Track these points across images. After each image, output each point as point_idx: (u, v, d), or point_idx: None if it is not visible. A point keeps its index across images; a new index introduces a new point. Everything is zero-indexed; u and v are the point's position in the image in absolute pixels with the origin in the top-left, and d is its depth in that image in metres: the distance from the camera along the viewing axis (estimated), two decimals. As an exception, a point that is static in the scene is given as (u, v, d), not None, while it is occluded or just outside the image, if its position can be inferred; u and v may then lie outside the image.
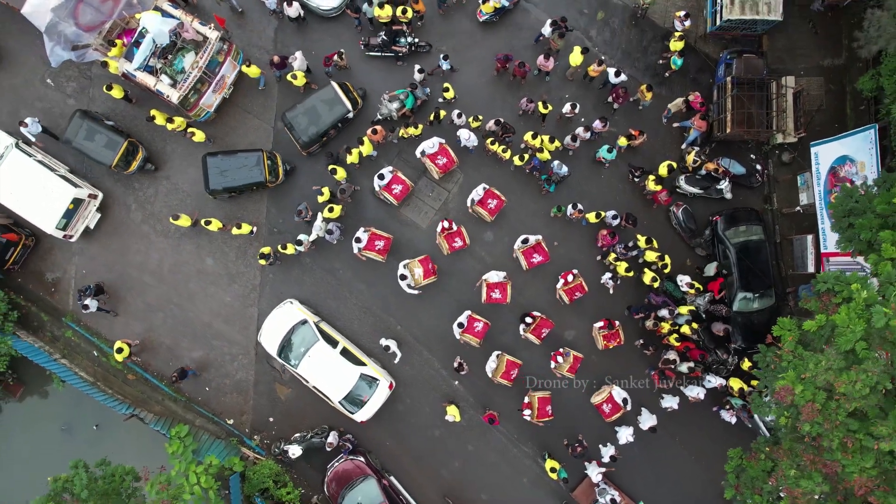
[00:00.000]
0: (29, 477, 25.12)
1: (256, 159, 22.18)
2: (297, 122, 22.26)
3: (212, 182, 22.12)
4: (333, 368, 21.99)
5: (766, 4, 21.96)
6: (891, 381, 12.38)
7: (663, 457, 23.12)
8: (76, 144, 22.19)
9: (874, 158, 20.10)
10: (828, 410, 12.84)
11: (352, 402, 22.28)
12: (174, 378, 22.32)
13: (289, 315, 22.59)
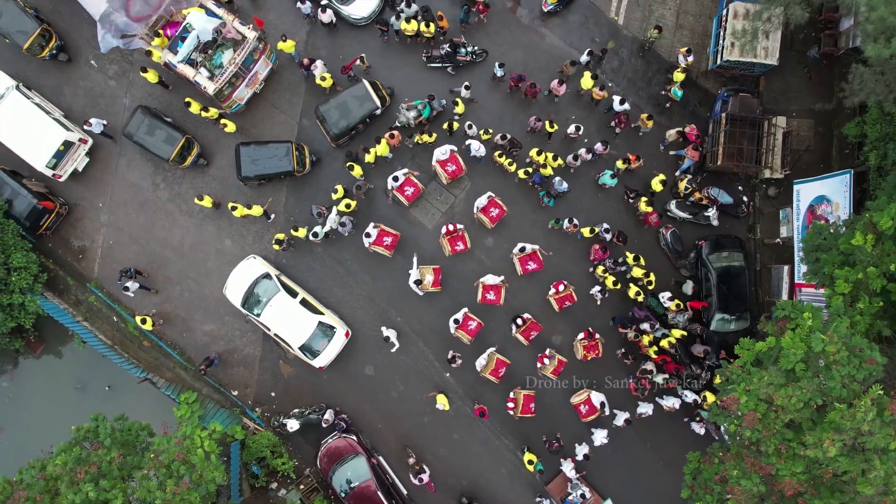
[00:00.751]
0: (43, 429, 27.22)
1: (286, 150, 24.26)
2: (329, 116, 24.33)
3: (244, 169, 24.20)
4: (293, 317, 23.96)
5: (763, 49, 23.94)
6: (822, 398, 14.36)
7: (634, 459, 25.11)
8: (137, 139, 24.38)
9: (847, 200, 22.09)
10: (767, 420, 14.83)
11: (310, 350, 24.27)
12: (203, 369, 24.46)
13: (252, 269, 24.65)
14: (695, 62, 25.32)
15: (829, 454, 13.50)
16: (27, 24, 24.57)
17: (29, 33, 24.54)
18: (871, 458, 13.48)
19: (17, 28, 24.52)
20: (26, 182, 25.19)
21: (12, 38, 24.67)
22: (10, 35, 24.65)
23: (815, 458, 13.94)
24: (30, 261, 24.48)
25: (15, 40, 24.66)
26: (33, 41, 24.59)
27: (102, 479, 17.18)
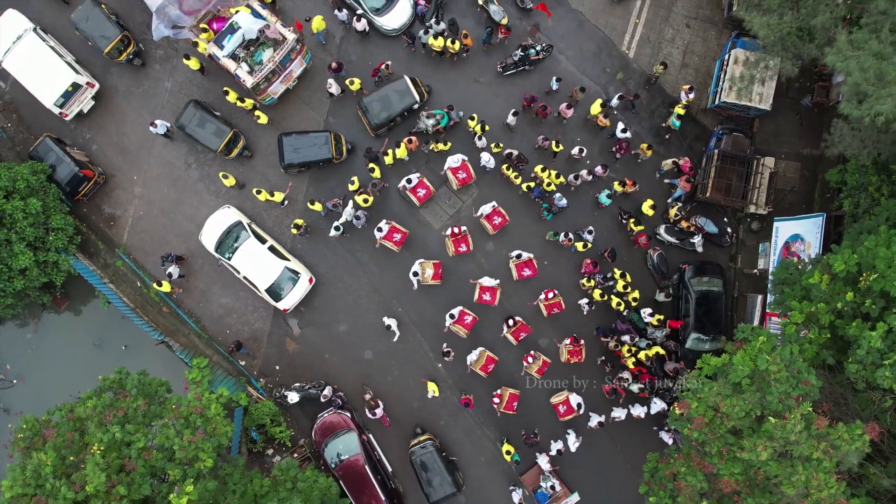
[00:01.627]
0: (60, 380, 29.74)
1: (325, 139, 26.80)
2: (372, 107, 26.83)
3: (287, 157, 26.74)
4: (261, 261, 26.47)
5: (758, 94, 26.32)
6: (760, 410, 16.72)
7: (603, 459, 27.48)
8: (189, 130, 26.88)
9: (819, 241, 24.50)
10: (713, 425, 17.19)
11: (276, 292, 26.72)
12: (231, 349, 27.00)
13: (226, 217, 27.19)
14: (695, 99, 27.74)
15: (761, 458, 15.87)
16: (109, 30, 27.17)
17: (110, 38, 27.17)
18: (795, 465, 15.85)
19: (99, 33, 27.17)
20: (70, 150, 27.69)
21: (95, 41, 27.32)
22: (94, 39, 27.30)
23: (749, 460, 16.32)
24: (67, 223, 26.98)
25: (97, 44, 27.31)
26: (113, 46, 27.20)
27: (128, 423, 19.62)
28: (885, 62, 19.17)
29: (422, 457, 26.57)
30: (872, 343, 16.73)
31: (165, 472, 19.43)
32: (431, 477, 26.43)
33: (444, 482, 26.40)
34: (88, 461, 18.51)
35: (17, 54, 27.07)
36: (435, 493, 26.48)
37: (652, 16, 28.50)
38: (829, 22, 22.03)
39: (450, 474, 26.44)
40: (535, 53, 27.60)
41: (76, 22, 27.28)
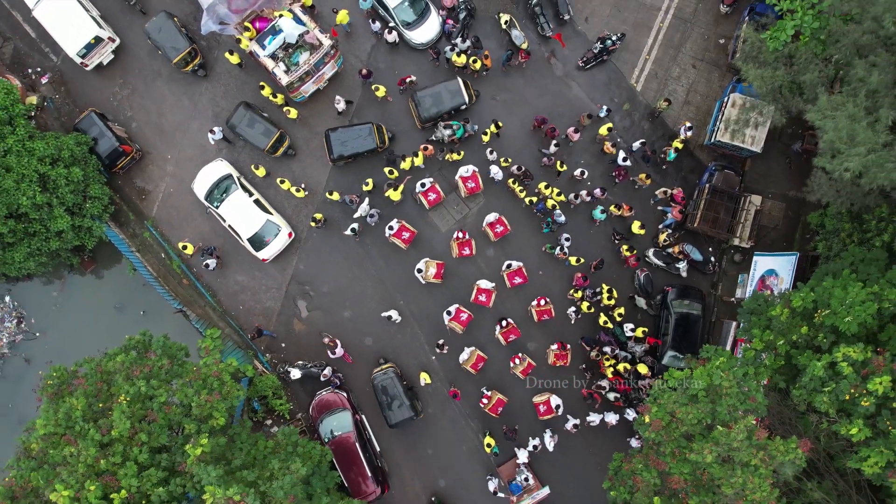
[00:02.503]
0: (80, 337, 32.36)
1: (369, 130, 29.46)
2: (423, 101, 29.50)
3: (335, 151, 29.42)
4: (246, 212, 29.27)
5: (751, 137, 28.87)
6: (711, 419, 19.27)
7: (575, 459, 30.04)
8: (239, 130, 29.52)
9: (790, 277, 27.10)
10: (669, 428, 19.74)
11: (257, 242, 29.48)
12: (253, 335, 29.68)
13: (218, 169, 30.00)
14: (694, 136, 30.33)
15: (706, 460, 18.42)
16: (180, 42, 29.83)
17: (180, 50, 29.83)
18: (735, 469, 18.39)
19: (170, 44, 29.85)
20: (112, 125, 30.33)
21: (165, 51, 29.99)
22: (164, 48, 29.96)
23: (697, 462, 18.88)
24: (103, 193, 29.66)
25: (167, 53, 29.99)
26: (182, 57, 29.87)
27: (152, 379, 22.24)
28: (857, 124, 21.73)
29: (383, 381, 29.23)
30: (815, 372, 19.31)
31: (182, 425, 22.06)
32: (391, 401, 29.09)
33: (403, 406, 29.00)
34: (115, 409, 21.13)
35: (47, 5, 29.74)
36: (394, 416, 29.13)
37: (661, 54, 31.08)
38: (817, 80, 24.64)
39: (409, 400, 29.00)
40: (611, 43, 30.11)
41: (149, 31, 29.94)
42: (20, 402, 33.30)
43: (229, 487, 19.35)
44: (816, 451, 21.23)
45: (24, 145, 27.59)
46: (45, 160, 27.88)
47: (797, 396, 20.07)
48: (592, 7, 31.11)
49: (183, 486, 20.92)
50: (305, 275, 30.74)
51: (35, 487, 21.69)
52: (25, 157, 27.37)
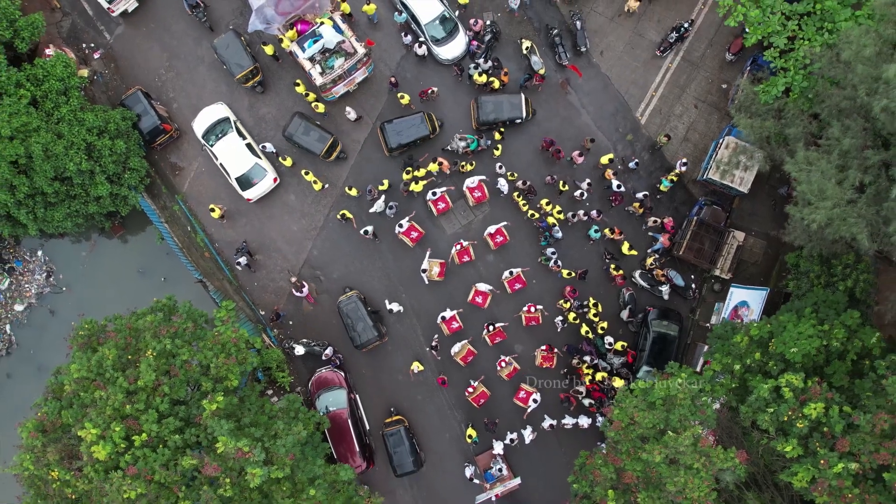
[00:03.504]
0: (103, 296, 35.54)
1: (420, 119, 32.57)
2: (485, 106, 32.64)
3: (391, 141, 32.53)
4: (237, 154, 32.60)
5: (739, 178, 31.89)
6: (664, 425, 22.30)
7: (548, 456, 33.11)
8: (296, 138, 32.55)
9: (759, 310, 30.16)
10: (627, 430, 22.81)
11: (244, 182, 32.69)
12: (272, 318, 32.87)
13: (217, 111, 33.32)
14: (688, 171, 33.36)
15: (655, 460, 21.47)
16: (244, 60, 32.78)
17: (244, 67, 32.77)
18: (679, 469, 21.44)
19: (235, 61, 32.80)
20: (155, 104, 33.47)
21: (230, 66, 32.99)
22: (229, 64, 32.95)
23: (647, 461, 21.93)
24: (141, 166, 32.82)
25: (230, 69, 33.00)
26: (244, 74, 32.86)
27: (177, 339, 25.38)
28: (827, 181, 24.76)
29: (347, 306, 32.38)
30: (761, 393, 22.39)
31: (199, 383, 25.19)
32: (356, 324, 32.21)
33: (367, 328, 32.13)
34: (143, 362, 24.28)
35: None
36: (359, 337, 32.29)
37: (667, 92, 34.11)
38: (800, 134, 27.66)
39: (372, 322, 32.11)
40: (684, 30, 33.17)
41: (217, 47, 32.93)
42: (41, 350, 36.59)
43: (239, 440, 22.47)
44: (757, 464, 24.30)
45: (76, 115, 30.74)
46: (93, 131, 31.02)
47: (744, 413, 23.15)
48: (608, 42, 34.15)
49: (196, 436, 24.05)
50: (318, 260, 33.86)
51: (64, 424, 24.86)
52: (76, 126, 30.51)
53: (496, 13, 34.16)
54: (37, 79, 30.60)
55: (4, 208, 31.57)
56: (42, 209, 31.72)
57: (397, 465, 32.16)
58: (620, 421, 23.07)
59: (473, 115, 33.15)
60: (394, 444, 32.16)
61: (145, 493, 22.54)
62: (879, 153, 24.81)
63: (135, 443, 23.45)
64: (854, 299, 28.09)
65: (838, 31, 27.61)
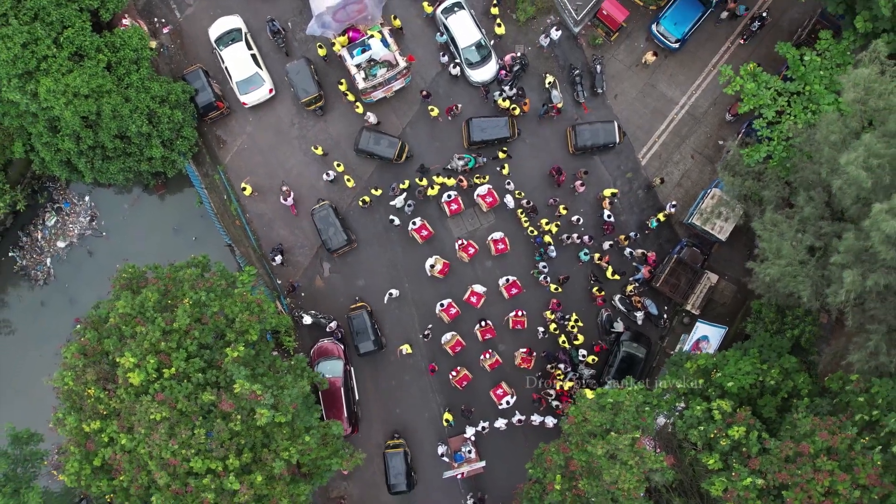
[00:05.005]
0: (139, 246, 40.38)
1: (505, 122, 37.41)
2: (582, 133, 37.42)
3: (474, 135, 37.34)
4: (242, 61, 37.82)
5: (719, 227, 36.56)
6: (610, 425, 27.01)
7: (513, 447, 37.82)
8: (369, 148, 37.29)
9: (717, 345, 34.90)
10: (579, 425, 27.52)
11: (243, 86, 37.74)
12: (288, 289, 37.64)
13: (232, 21, 38.42)
14: (676, 212, 38.04)
15: (598, 453, 26.19)
16: (310, 87, 37.51)
17: (309, 93, 37.52)
18: (616, 464, 26.14)
19: (302, 86, 37.54)
20: (213, 82, 38.26)
21: (296, 90, 37.75)
22: (297, 88, 37.69)
23: (591, 453, 26.64)
24: (192, 135, 37.73)
25: (297, 93, 37.77)
26: (309, 100, 37.59)
27: (210, 292, 30.18)
28: (784, 242, 29.42)
29: (319, 213, 37.44)
30: (695, 412, 27.12)
31: (224, 333, 29.96)
32: (327, 229, 37.27)
33: (338, 233, 37.19)
34: (180, 308, 29.07)
35: None
36: (330, 241, 37.39)
37: (669, 140, 38.81)
38: (773, 197, 32.32)
39: (343, 229, 37.16)
40: (761, 21, 37.83)
41: (289, 71, 37.70)
42: (75, 285, 41.54)
43: (253, 385, 27.24)
44: (686, 473, 29.01)
45: (144, 84, 35.62)
46: (156, 99, 35.89)
47: (679, 428, 27.91)
48: (622, 88, 38.86)
49: (216, 377, 28.83)
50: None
51: (104, 350, 29.66)
52: (143, 93, 35.38)
53: (527, 47, 38.89)
54: (114, 46, 35.42)
55: (67, 155, 36.56)
56: (100, 161, 36.61)
57: (392, 483, 37.01)
58: (575, 417, 27.84)
59: (570, 141, 37.88)
60: (394, 463, 36.97)
61: (168, 417, 27.30)
62: (832, 225, 29.48)
63: (164, 375, 28.23)
64: (800, 347, 32.84)
65: (821, 112, 32.26)
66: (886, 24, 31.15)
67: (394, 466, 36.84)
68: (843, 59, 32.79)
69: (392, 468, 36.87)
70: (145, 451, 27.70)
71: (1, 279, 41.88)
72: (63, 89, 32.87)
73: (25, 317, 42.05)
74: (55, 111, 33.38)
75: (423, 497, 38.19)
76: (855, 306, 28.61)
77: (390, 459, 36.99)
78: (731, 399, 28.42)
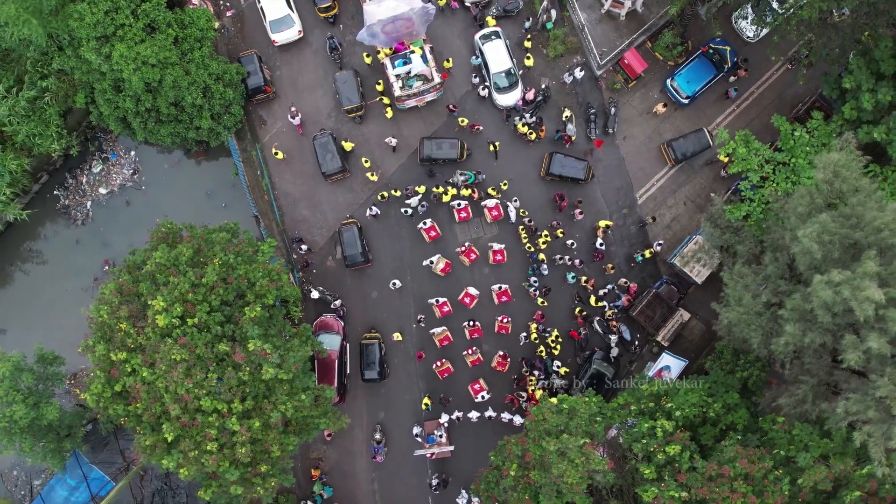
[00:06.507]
0: (173, 203, 45.20)
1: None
2: (679, 146, 42.20)
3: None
4: (276, 1, 42.71)
5: (697, 271, 41.20)
6: (564, 427, 31.73)
7: (481, 437, 42.48)
8: (433, 155, 41.97)
9: (676, 375, 39.54)
10: (539, 423, 32.28)
11: (277, 26, 42.82)
12: (302, 265, 42.44)
13: None
14: (662, 251, 42.68)
15: (550, 449, 30.86)
16: (354, 97, 42.31)
17: (353, 103, 42.30)
18: (564, 461, 30.78)
19: (347, 95, 42.34)
20: (264, 67, 43.01)
21: (341, 98, 42.52)
22: (342, 96, 42.47)
23: (545, 448, 31.31)
24: (239, 113, 42.55)
25: (341, 100, 42.52)
26: (351, 108, 42.32)
27: (238, 255, 34.92)
28: (745, 293, 34.03)
29: (320, 140, 42.35)
30: (641, 428, 31.79)
31: (244, 294, 34.72)
32: (325, 156, 42.41)
33: (334, 160, 42.33)
34: (210, 266, 33.81)
35: None
36: (326, 165, 42.45)
37: (666, 185, 43.45)
38: (745, 252, 36.90)
39: (340, 157, 42.16)
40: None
41: (337, 79, 42.47)
42: (109, 230, 46.44)
43: (265, 343, 32.00)
44: (626, 479, 33.68)
45: (204, 61, 40.35)
46: (213, 76, 40.61)
47: (625, 439, 32.62)
48: (632, 132, 43.52)
49: (232, 332, 33.59)
50: (351, 230, 43.45)
51: (139, 293, 34.41)
52: (202, 69, 40.11)
53: (552, 80, 43.55)
54: (183, 23, 40.18)
55: (124, 113, 41.34)
56: (153, 123, 41.37)
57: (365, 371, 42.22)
58: (535, 416, 32.55)
59: (668, 156, 42.66)
60: (368, 353, 42.10)
61: (187, 359, 32.04)
62: (789, 285, 34.06)
63: (188, 322, 32.96)
64: (747, 388, 37.47)
65: (800, 184, 36.84)
66: (868, 116, 35.91)
67: (369, 354, 41.90)
68: (828, 139, 37.41)
69: (367, 356, 41.93)
70: (162, 385, 32.44)
71: (43, 213, 46.68)
72: (134, 56, 37.63)
73: (59, 251, 46.89)
74: (123, 74, 38.09)
75: (394, 472, 42.94)
76: (794, 359, 33.26)
77: (366, 348, 42.08)
78: (678, 424, 33.07)
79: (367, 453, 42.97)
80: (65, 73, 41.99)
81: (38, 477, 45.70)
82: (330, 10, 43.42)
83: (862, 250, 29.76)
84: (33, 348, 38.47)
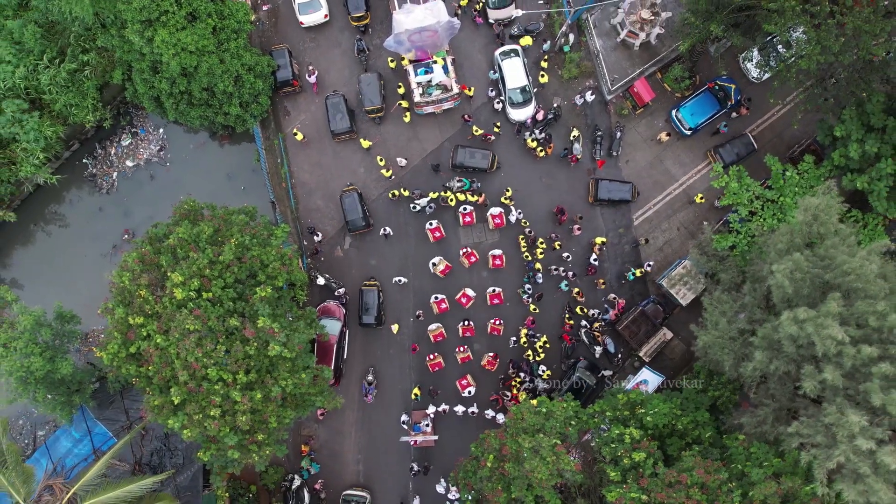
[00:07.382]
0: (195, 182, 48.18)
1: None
2: (726, 152, 44.96)
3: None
4: None
5: (682, 293, 44.05)
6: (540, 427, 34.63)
7: (464, 430, 45.41)
8: (466, 163, 44.81)
9: (653, 389, 42.45)
10: (517, 421, 35.24)
11: (305, 8, 45.95)
12: (312, 252, 45.32)
13: None
14: (652, 271, 45.56)
15: (525, 445, 33.87)
16: (376, 99, 45.18)
17: (374, 104, 45.18)
18: (536, 457, 33.70)
19: (369, 96, 45.20)
20: (293, 62, 45.95)
21: (363, 99, 45.42)
22: (364, 96, 45.34)
23: (520, 444, 34.25)
24: (266, 103, 45.59)
25: (363, 101, 45.43)
26: (372, 110, 45.27)
27: (253, 238, 37.87)
28: (722, 318, 36.90)
29: (332, 100, 45.44)
30: (611, 434, 34.71)
31: (257, 274, 37.68)
32: (335, 115, 45.43)
33: (344, 119, 45.40)
34: (227, 245, 36.76)
35: None
36: (335, 124, 45.49)
37: (662, 209, 46.33)
38: (727, 280, 39.78)
39: (350, 118, 45.17)
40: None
41: (361, 81, 45.36)
42: (132, 201, 49.44)
43: (273, 322, 34.97)
44: (593, 479, 36.60)
45: (238, 52, 43.30)
46: (245, 66, 43.57)
47: (596, 443, 35.56)
48: (635, 156, 46.40)
49: (243, 309, 36.57)
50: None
51: (159, 263, 37.38)
52: (236, 59, 43.09)
53: (564, 100, 46.43)
54: (222, 14, 43.09)
55: (158, 93, 44.30)
56: (185, 105, 44.35)
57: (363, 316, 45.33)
58: (515, 414, 35.53)
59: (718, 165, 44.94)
60: (366, 298, 45.21)
61: (199, 330, 35.01)
62: (764, 315, 36.93)
63: (203, 296, 35.94)
64: (716, 407, 40.36)
65: (785, 222, 39.71)
66: (855, 164, 38.75)
67: (367, 301, 44.94)
68: (816, 182, 40.29)
69: (365, 302, 44.97)
70: (174, 352, 35.41)
71: (71, 179, 49.69)
72: (175, 42, 40.57)
73: (82, 217, 49.87)
74: (163, 58, 41.05)
75: (382, 455, 45.92)
76: (761, 383, 36.18)
77: (365, 294, 45.19)
78: (647, 432, 35.97)
79: (355, 435, 45.99)
80: (105, 50, 45.04)
81: (42, 428, 48.76)
82: (363, 19, 46.41)
83: (831, 290, 32.64)
84: (53, 306, 41.48)
